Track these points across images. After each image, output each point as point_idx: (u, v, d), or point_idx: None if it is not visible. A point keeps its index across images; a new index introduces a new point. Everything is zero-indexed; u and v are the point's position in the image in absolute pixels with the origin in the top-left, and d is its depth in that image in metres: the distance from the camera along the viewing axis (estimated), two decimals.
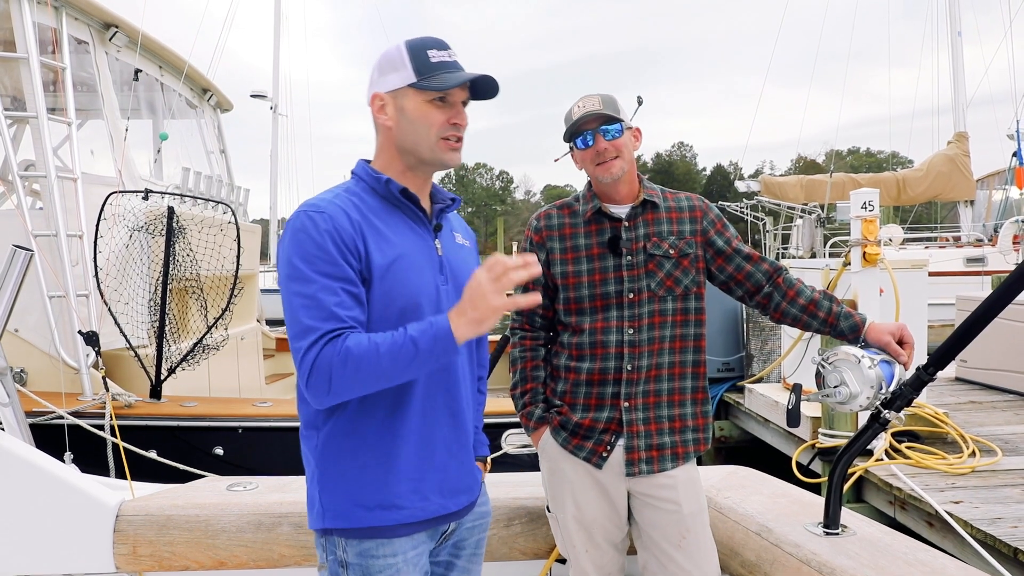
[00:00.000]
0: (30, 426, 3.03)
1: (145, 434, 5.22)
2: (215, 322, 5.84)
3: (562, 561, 2.31)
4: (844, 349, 1.96)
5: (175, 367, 5.68)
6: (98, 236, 5.59)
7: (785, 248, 17.15)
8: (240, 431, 5.34)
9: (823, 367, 1.99)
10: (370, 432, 1.58)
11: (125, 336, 5.66)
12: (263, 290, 10.35)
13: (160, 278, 5.79)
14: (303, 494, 1.72)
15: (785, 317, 2.17)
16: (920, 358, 1.93)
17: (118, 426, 4.44)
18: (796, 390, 2.09)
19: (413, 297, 1.57)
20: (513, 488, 2.48)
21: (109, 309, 5.58)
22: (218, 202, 6.81)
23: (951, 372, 7.28)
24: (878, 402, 1.91)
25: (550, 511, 2.23)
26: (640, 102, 2.37)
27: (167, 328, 5.74)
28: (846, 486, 4.43)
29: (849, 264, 5.00)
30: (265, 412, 5.40)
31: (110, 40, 6.71)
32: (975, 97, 17.41)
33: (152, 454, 4.95)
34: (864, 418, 2.01)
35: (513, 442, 5.18)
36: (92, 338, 4.71)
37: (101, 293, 5.57)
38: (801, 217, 15.77)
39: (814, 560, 1.89)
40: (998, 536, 3.49)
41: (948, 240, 17.09)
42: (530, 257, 1.44)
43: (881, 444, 4.63)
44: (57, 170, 5.85)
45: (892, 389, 1.93)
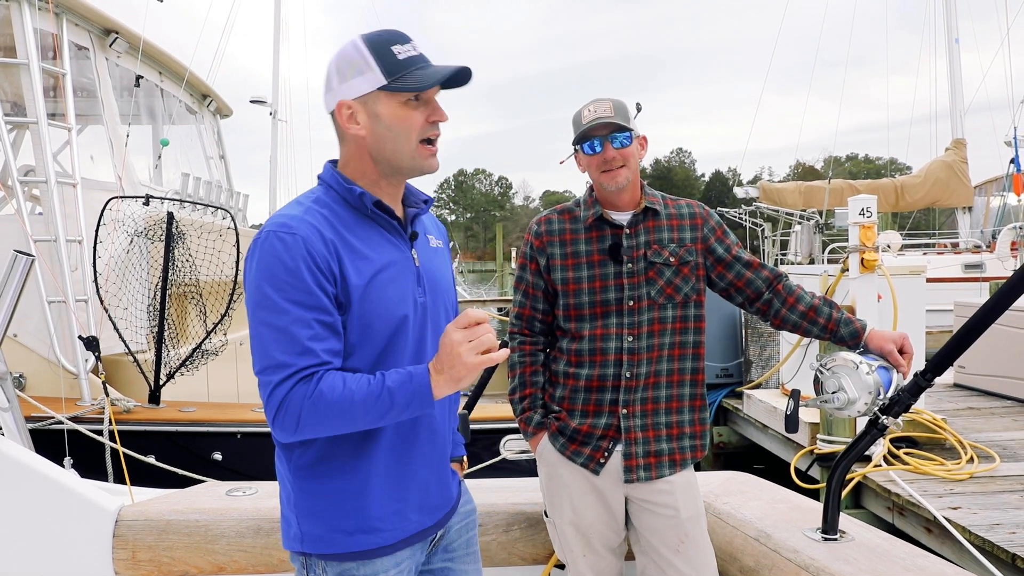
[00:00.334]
0: (29, 431, 3.03)
1: (144, 439, 5.22)
2: (214, 327, 5.84)
3: (561, 567, 2.31)
4: (842, 355, 1.97)
5: (174, 372, 5.69)
6: (97, 241, 5.60)
7: (784, 254, 17.15)
8: (239, 436, 5.34)
9: (821, 373, 1.99)
10: (345, 454, 1.51)
11: (124, 341, 5.66)
12: None
13: (159, 283, 5.80)
14: None
15: (785, 323, 2.17)
16: (918, 364, 1.94)
17: (117, 431, 4.45)
18: (794, 396, 2.09)
19: (393, 315, 1.49)
20: (512, 493, 2.48)
21: (108, 314, 5.59)
22: (217, 207, 6.82)
23: (949, 378, 7.28)
24: (876, 408, 1.92)
25: (547, 516, 2.24)
26: (639, 108, 2.38)
27: (166, 333, 5.75)
28: (844, 492, 4.42)
29: (847, 270, 5.01)
30: (263, 418, 5.38)
31: (110, 46, 6.73)
32: (973, 104, 17.47)
33: (151, 459, 4.95)
34: (862, 424, 2.02)
35: (512, 447, 5.18)
36: (92, 343, 4.71)
37: (100, 298, 5.57)
38: (800, 223, 15.81)
39: (813, 566, 1.90)
40: (996, 542, 3.50)
41: (946, 246, 17.10)
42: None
43: (879, 450, 4.63)
44: (57, 175, 5.87)
45: (890, 395, 1.93)
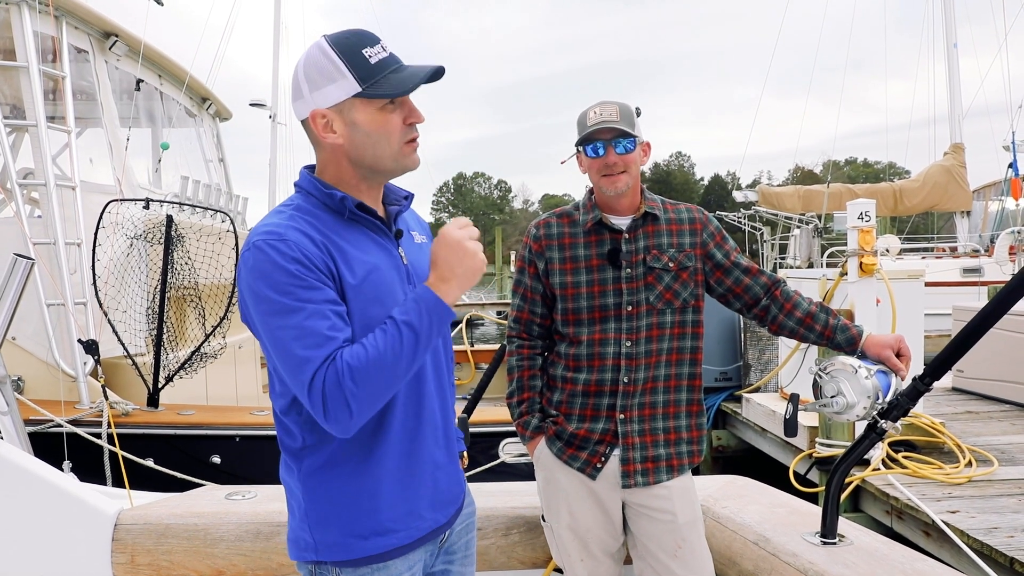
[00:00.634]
0: (28, 435, 3.03)
1: (142, 442, 5.21)
2: (213, 330, 5.84)
3: (560, 571, 2.31)
4: (841, 359, 1.97)
5: (172, 375, 5.68)
6: (96, 244, 5.60)
7: (782, 258, 17.18)
8: (237, 439, 5.34)
9: (820, 377, 2.00)
10: (355, 457, 1.50)
11: (123, 344, 5.66)
12: None
13: (158, 286, 5.79)
14: None
15: (782, 329, 2.18)
16: (916, 368, 1.95)
17: (116, 434, 4.44)
18: (793, 400, 2.10)
19: (387, 313, 1.47)
20: (511, 497, 2.48)
21: (107, 317, 5.58)
22: (216, 211, 6.82)
23: (947, 382, 7.29)
24: (875, 412, 1.92)
25: (545, 521, 2.24)
26: (638, 113, 2.39)
27: (165, 336, 5.74)
28: (843, 495, 4.43)
29: (846, 274, 5.02)
30: (262, 421, 5.39)
31: (110, 49, 6.73)
32: (971, 108, 17.55)
33: (149, 462, 4.94)
34: (861, 428, 2.02)
35: (511, 451, 5.18)
36: (92, 347, 4.71)
37: (99, 301, 5.57)
38: (798, 227, 15.84)
39: (811, 570, 1.90)
40: (994, 546, 3.50)
41: (945, 250, 17.15)
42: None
43: (878, 454, 4.64)
44: (56, 178, 5.87)
45: (889, 399, 1.94)
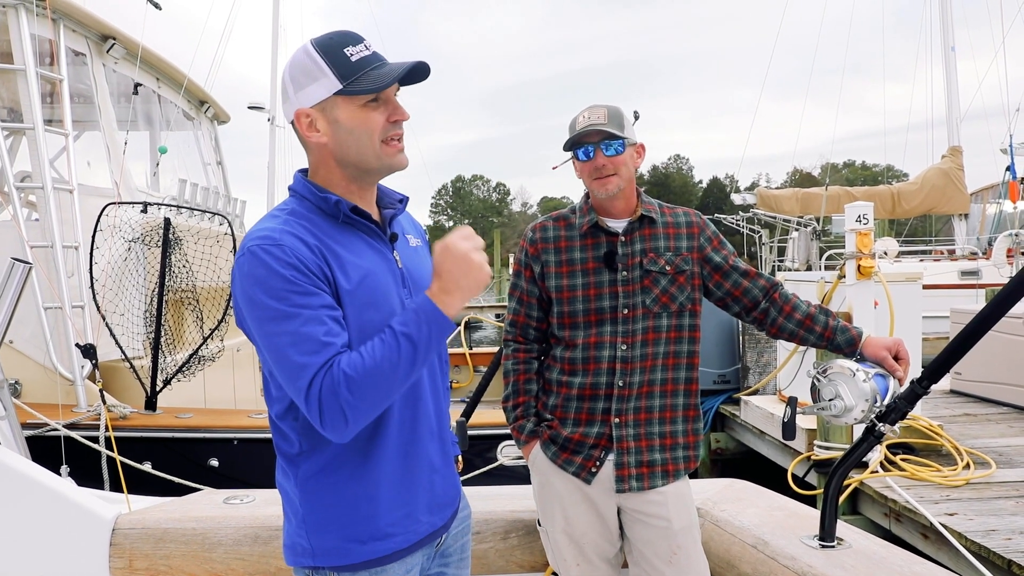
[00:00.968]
0: (26, 439, 3.03)
1: (140, 446, 5.21)
2: (211, 333, 5.83)
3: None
4: (839, 362, 1.97)
5: (170, 378, 5.67)
6: (94, 247, 5.59)
7: (781, 260, 17.21)
8: (235, 442, 5.33)
9: (818, 380, 2.00)
10: (353, 462, 1.49)
11: (121, 347, 5.65)
12: None
13: (156, 289, 5.79)
14: None
15: (782, 332, 2.17)
16: (915, 371, 1.95)
17: (114, 437, 4.43)
18: (791, 403, 2.10)
19: (383, 318, 1.47)
20: (510, 501, 2.48)
21: (105, 320, 5.58)
22: (214, 213, 6.82)
23: (946, 384, 7.30)
24: (873, 415, 1.92)
25: (541, 525, 2.23)
26: (636, 116, 2.38)
27: (163, 339, 5.74)
28: (841, 498, 4.43)
29: (844, 277, 5.03)
30: (260, 423, 5.38)
31: (107, 52, 6.73)
32: (969, 111, 17.57)
33: (147, 466, 4.93)
34: (859, 431, 2.02)
35: (508, 453, 5.17)
36: (90, 351, 4.70)
37: (97, 304, 5.56)
38: (797, 230, 15.87)
39: (810, 573, 1.90)
40: (992, 548, 3.50)
41: (942, 253, 17.16)
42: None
43: (876, 456, 4.64)
44: (53, 181, 5.86)
45: (887, 402, 1.94)
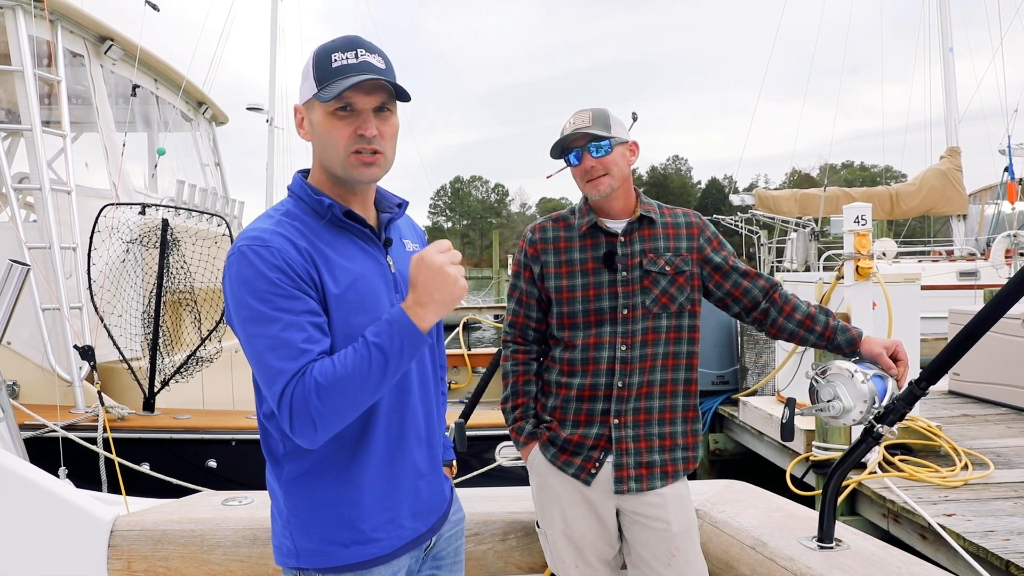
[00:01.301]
0: (24, 440, 3.02)
1: (138, 447, 5.20)
2: (209, 335, 5.83)
3: None
4: (837, 363, 1.98)
5: (168, 380, 5.67)
6: (92, 248, 5.58)
7: (779, 261, 17.22)
8: (233, 444, 5.32)
9: (817, 381, 2.00)
10: (337, 465, 1.50)
11: (119, 348, 5.64)
12: None
13: (154, 290, 5.78)
14: None
15: (782, 332, 2.17)
16: (913, 372, 1.95)
17: (112, 439, 4.43)
18: (790, 404, 2.09)
19: (371, 322, 1.43)
20: (508, 502, 2.47)
21: (103, 322, 5.57)
22: (213, 214, 6.81)
23: (944, 385, 7.31)
24: (871, 416, 1.92)
25: (539, 527, 2.22)
26: (635, 118, 2.38)
27: (161, 340, 5.73)
28: (840, 499, 4.43)
29: (842, 278, 5.04)
30: (258, 425, 5.37)
31: (105, 53, 6.72)
32: (967, 112, 17.57)
33: (145, 467, 4.93)
34: (858, 431, 2.02)
35: (507, 455, 5.17)
36: (88, 353, 4.69)
37: (95, 305, 5.56)
38: (795, 231, 15.89)
39: (808, 574, 1.90)
40: (990, 549, 3.51)
41: (941, 254, 17.18)
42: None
43: (874, 457, 4.64)
44: (51, 183, 5.85)
45: (885, 403, 1.94)
